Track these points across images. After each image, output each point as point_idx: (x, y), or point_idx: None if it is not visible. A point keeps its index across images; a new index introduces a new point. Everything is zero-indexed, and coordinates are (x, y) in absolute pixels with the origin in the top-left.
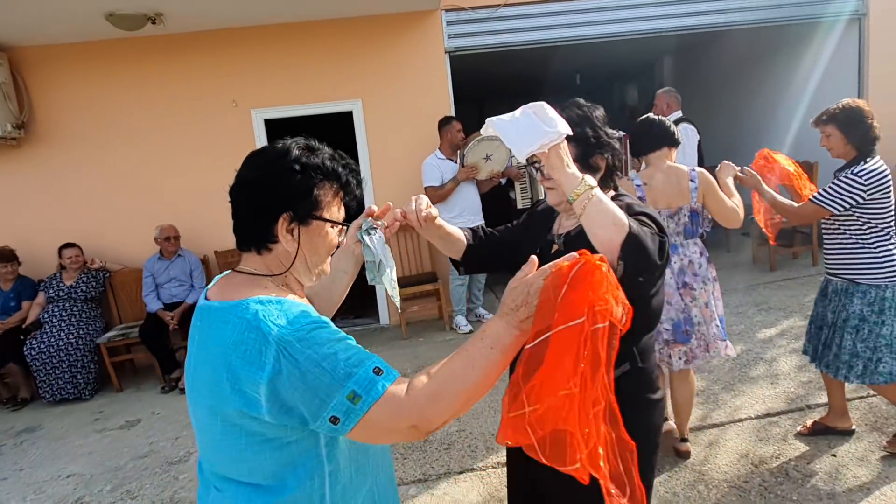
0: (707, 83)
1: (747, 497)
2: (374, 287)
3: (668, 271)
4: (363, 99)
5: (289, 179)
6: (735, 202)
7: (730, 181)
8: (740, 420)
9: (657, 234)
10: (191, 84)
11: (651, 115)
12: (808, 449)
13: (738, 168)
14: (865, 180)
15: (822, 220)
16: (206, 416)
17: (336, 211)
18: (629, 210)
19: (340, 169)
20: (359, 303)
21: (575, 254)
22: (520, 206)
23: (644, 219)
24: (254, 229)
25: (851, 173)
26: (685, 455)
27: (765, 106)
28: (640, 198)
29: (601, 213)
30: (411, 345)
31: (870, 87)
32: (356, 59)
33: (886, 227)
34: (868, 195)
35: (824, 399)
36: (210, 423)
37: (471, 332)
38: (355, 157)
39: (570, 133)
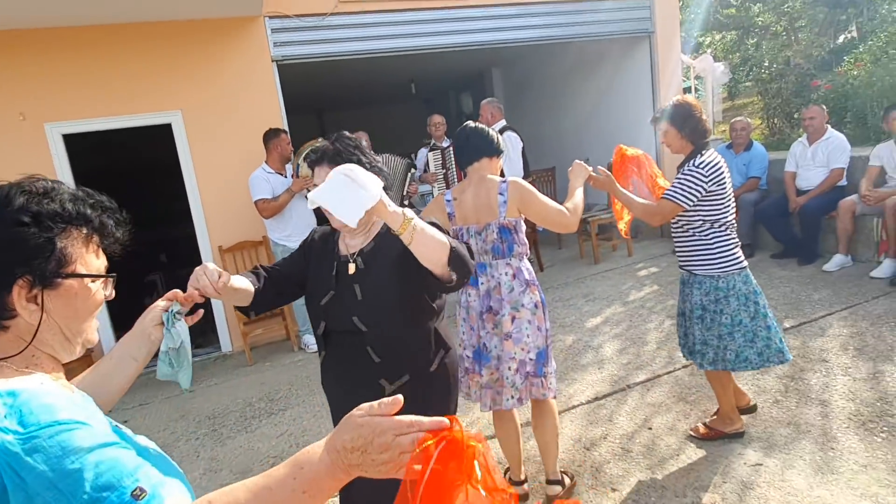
0: (533, 92)
1: (582, 479)
2: (212, 313)
3: (474, 293)
4: (183, 110)
5: (18, 235)
6: (569, 206)
7: (580, 184)
8: (574, 407)
9: (463, 242)
10: None
11: (470, 123)
12: (630, 426)
13: (591, 169)
14: (706, 172)
15: None
16: None
17: (94, 260)
18: None
19: (89, 210)
20: (198, 330)
21: (445, 420)
22: None
23: (439, 229)
24: None
25: (693, 166)
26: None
27: (582, 113)
28: (449, 214)
29: (427, 239)
30: (257, 371)
31: (661, 94)
32: (173, 68)
33: (723, 222)
34: (708, 188)
35: (642, 377)
36: None
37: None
38: (178, 173)
39: (382, 189)
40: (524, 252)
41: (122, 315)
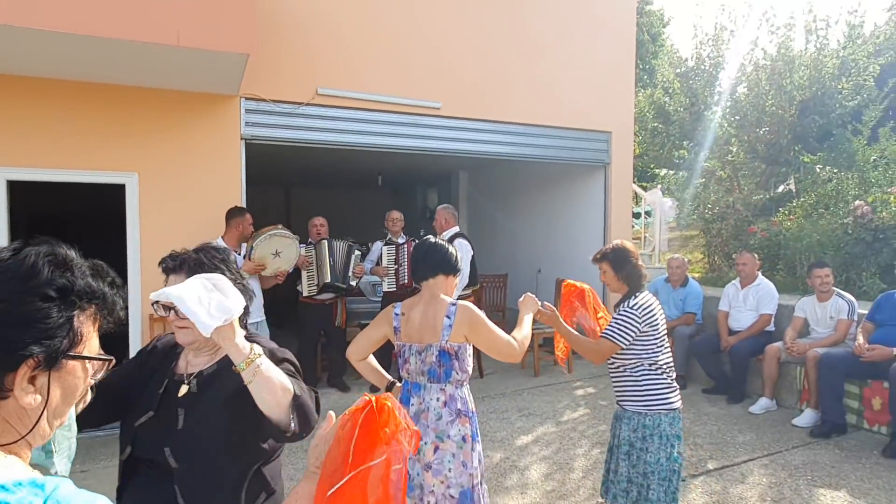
0: (495, 198)
1: None
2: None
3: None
4: (140, 174)
5: (42, 312)
6: (517, 336)
7: (529, 314)
8: None
9: (312, 390)
10: None
11: (430, 238)
12: None
13: (540, 303)
14: (640, 314)
15: None
16: None
17: (96, 340)
18: (272, 356)
19: (107, 288)
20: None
21: (365, 397)
22: (305, 293)
23: (290, 367)
24: None
25: (627, 307)
26: None
27: (538, 226)
28: (395, 328)
29: (270, 381)
30: None
31: (612, 219)
32: (136, 131)
33: (655, 362)
34: (642, 328)
35: None
36: None
37: None
38: (123, 236)
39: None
40: (463, 380)
41: None
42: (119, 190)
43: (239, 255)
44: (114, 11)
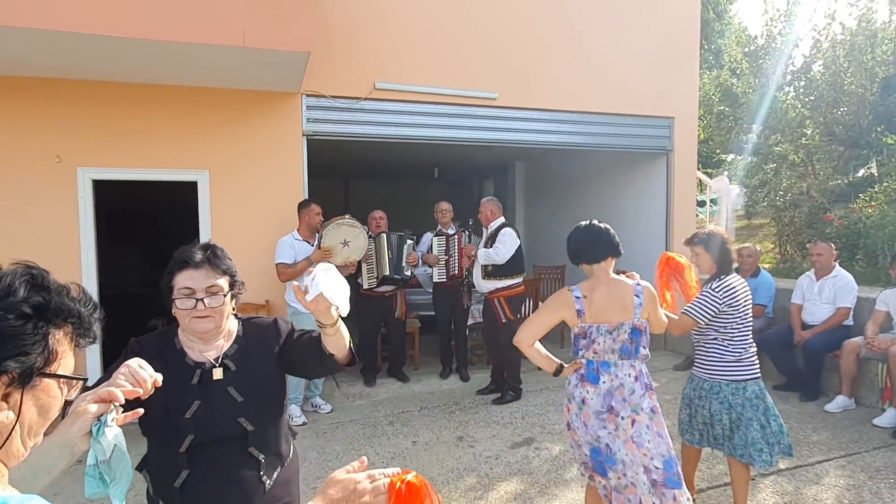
0: (552, 189)
1: None
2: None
3: (592, 389)
4: (210, 171)
5: (18, 328)
6: (669, 316)
7: None
8: None
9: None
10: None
11: (595, 221)
12: None
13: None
14: (721, 295)
15: None
16: None
17: (71, 359)
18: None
19: (82, 308)
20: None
21: (397, 470)
22: (366, 286)
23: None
24: None
25: (710, 288)
26: None
27: (596, 216)
28: (578, 311)
29: (343, 334)
30: None
31: (675, 209)
32: (206, 130)
33: (730, 338)
34: (721, 308)
35: None
36: None
37: (304, 423)
38: (196, 230)
39: None
40: (647, 355)
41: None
42: (182, 186)
43: (312, 245)
44: (183, 16)
